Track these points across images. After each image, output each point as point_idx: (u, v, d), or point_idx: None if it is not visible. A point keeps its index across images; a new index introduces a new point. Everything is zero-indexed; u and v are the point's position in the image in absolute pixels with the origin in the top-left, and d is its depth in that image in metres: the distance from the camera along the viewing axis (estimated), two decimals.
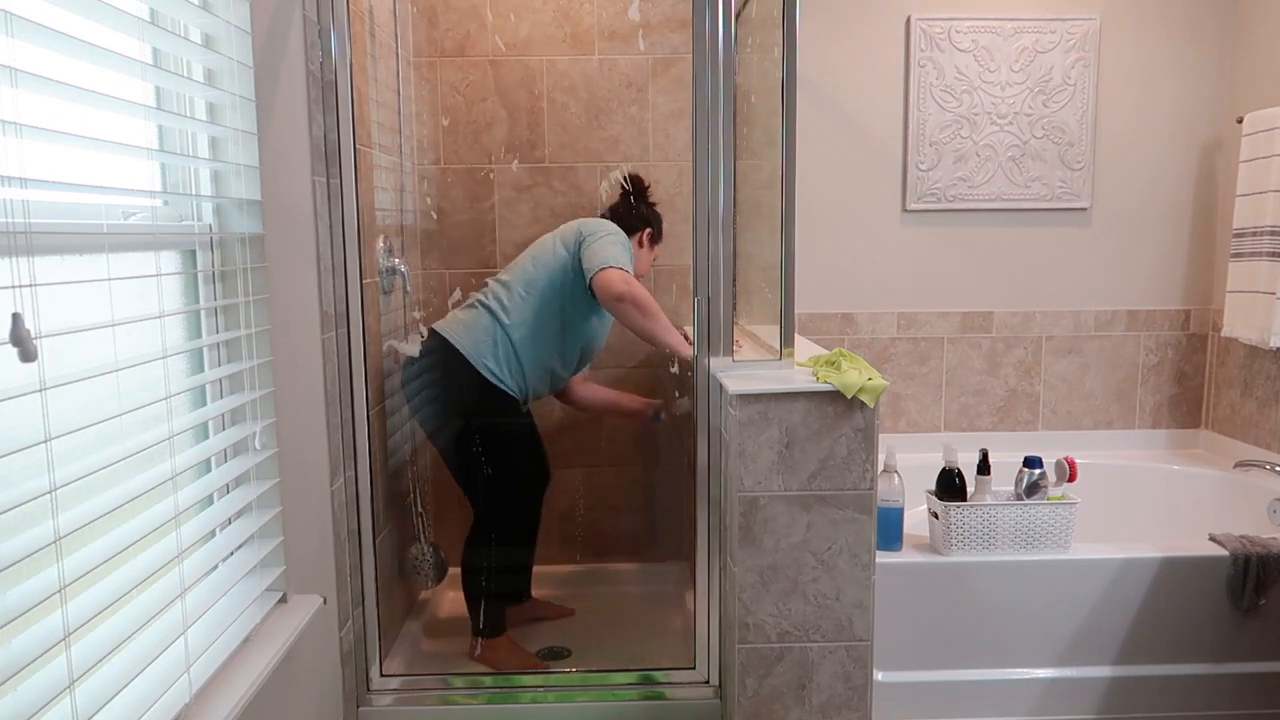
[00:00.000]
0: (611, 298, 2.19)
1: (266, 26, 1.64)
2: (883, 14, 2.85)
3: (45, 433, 1.02)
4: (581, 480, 2.95)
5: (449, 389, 2.37)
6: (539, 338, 2.35)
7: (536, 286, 2.35)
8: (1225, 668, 2.19)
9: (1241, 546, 2.16)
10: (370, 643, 2.12)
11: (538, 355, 2.37)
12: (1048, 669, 2.20)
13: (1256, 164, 2.65)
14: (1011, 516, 2.16)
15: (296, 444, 1.75)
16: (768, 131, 2.08)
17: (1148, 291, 3.00)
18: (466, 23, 2.78)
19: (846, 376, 1.84)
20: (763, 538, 1.88)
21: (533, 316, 2.34)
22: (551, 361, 2.42)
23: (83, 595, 1.12)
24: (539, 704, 2.12)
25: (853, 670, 1.93)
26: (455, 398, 2.37)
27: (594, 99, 2.82)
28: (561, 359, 2.44)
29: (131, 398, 1.23)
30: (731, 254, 1.99)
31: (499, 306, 2.36)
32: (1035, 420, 3.03)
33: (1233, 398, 2.89)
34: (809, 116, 2.88)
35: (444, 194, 2.85)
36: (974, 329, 2.99)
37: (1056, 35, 2.85)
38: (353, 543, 2.06)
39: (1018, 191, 2.92)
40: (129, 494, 1.19)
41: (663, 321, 2.19)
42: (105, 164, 1.26)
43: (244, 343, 1.56)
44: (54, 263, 1.12)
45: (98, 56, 1.14)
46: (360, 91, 2.12)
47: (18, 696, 0.98)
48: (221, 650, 1.39)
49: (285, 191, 1.71)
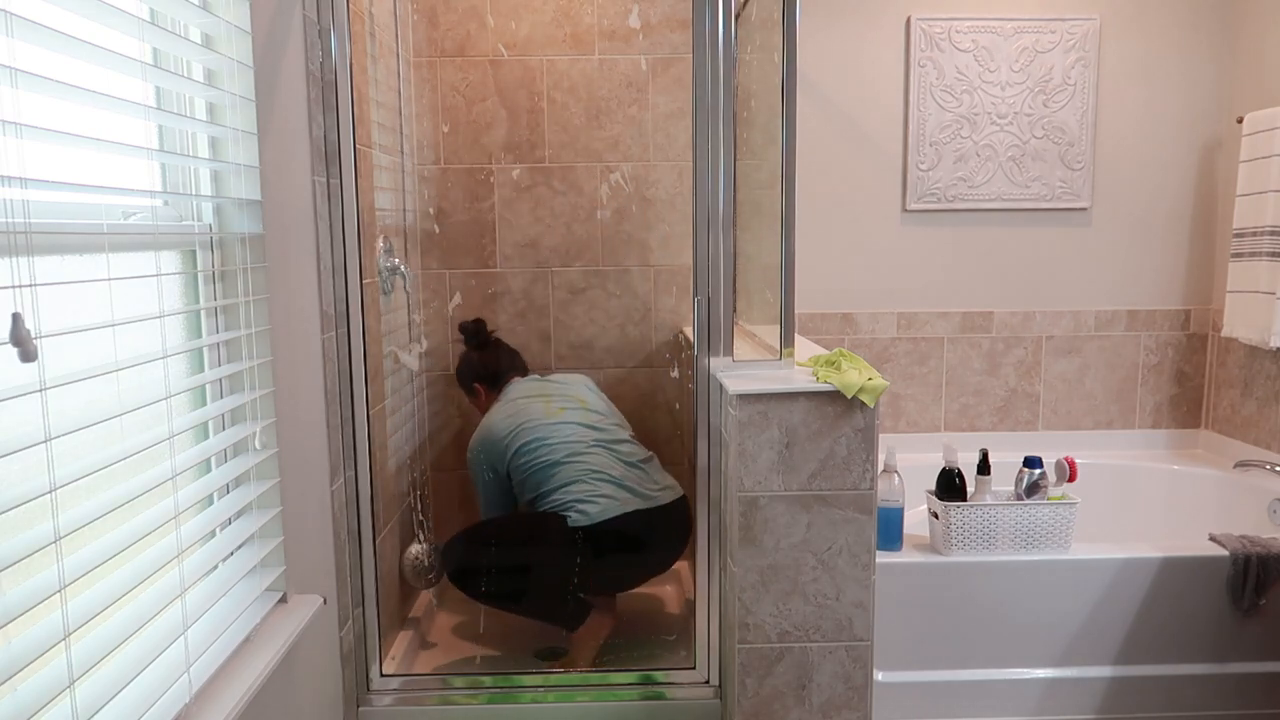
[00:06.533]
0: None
1: (266, 26, 1.64)
2: (883, 14, 2.85)
3: (45, 433, 1.02)
4: None
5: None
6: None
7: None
8: (1225, 668, 2.19)
9: (1241, 546, 2.16)
10: (370, 643, 2.12)
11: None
12: (1048, 669, 2.20)
13: (1256, 164, 2.65)
14: (1011, 516, 2.16)
15: (296, 444, 1.75)
16: (768, 131, 2.08)
17: (1148, 291, 3.00)
18: (466, 23, 2.78)
19: (846, 376, 1.84)
20: (763, 538, 1.88)
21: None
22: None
23: (83, 595, 1.12)
24: (539, 704, 2.12)
25: (853, 670, 1.93)
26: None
27: (594, 99, 2.83)
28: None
29: (131, 398, 1.23)
30: (731, 254, 1.99)
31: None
32: (1035, 420, 3.03)
33: (1233, 398, 2.89)
34: (809, 116, 2.88)
35: (444, 194, 2.85)
36: (974, 329, 2.99)
37: (1056, 35, 2.85)
38: (353, 543, 2.06)
39: (1018, 191, 2.92)
40: (129, 494, 1.19)
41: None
42: (105, 164, 1.26)
43: (244, 343, 1.56)
44: (54, 263, 1.12)
45: (98, 56, 1.14)
46: (360, 91, 2.13)
47: (18, 696, 0.98)
48: (221, 650, 1.39)
49: (285, 191, 1.71)
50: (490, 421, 2.54)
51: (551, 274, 2.90)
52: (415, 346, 2.71)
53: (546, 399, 2.57)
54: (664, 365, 2.93)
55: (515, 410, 2.53)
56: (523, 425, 2.48)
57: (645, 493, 2.45)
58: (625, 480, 2.44)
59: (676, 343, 2.93)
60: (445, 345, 2.91)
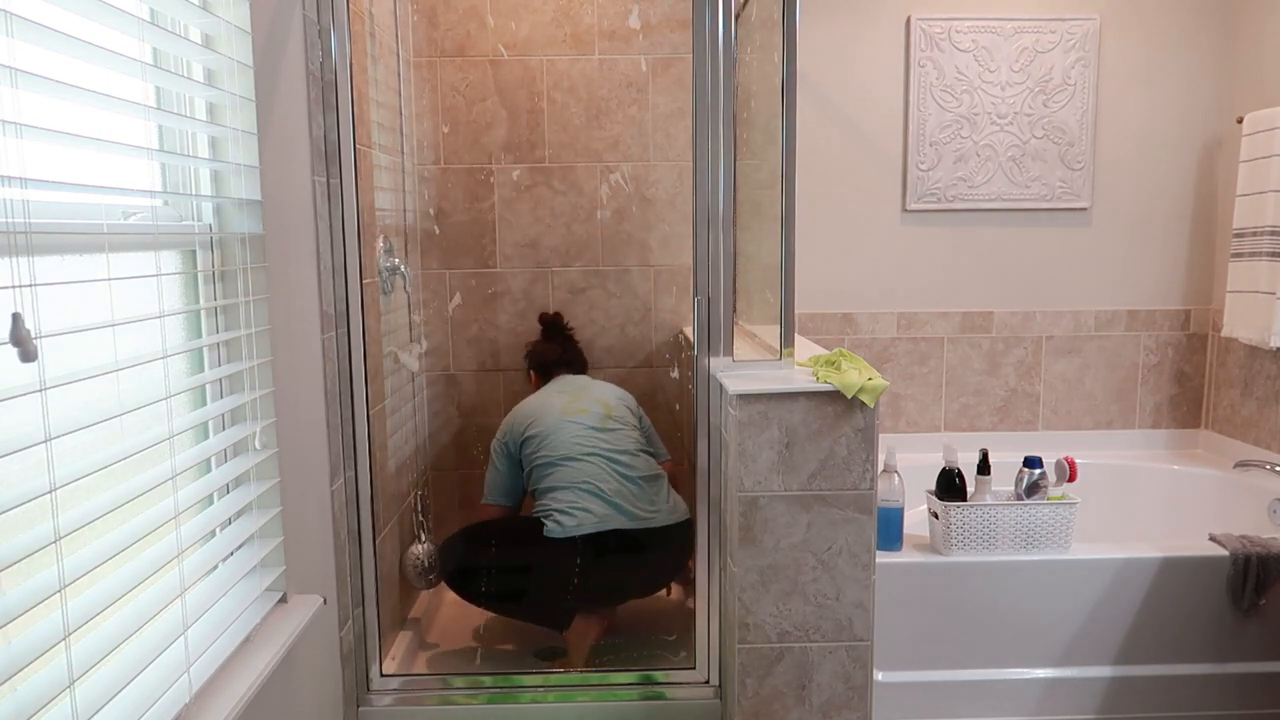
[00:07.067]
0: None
1: (266, 26, 1.64)
2: (883, 14, 2.85)
3: (45, 433, 1.02)
4: None
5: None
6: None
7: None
8: (1225, 668, 2.19)
9: (1241, 546, 2.16)
10: (370, 643, 2.12)
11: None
12: (1048, 669, 2.20)
13: (1256, 164, 2.65)
14: (1011, 516, 2.16)
15: (296, 444, 1.75)
16: (768, 131, 2.08)
17: (1148, 291, 3.00)
18: (466, 23, 2.78)
19: (846, 376, 1.84)
20: (763, 538, 1.88)
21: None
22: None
23: (83, 595, 1.12)
24: (539, 704, 2.12)
25: (853, 670, 1.93)
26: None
27: (594, 99, 2.83)
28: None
29: (131, 398, 1.23)
30: (731, 254, 1.99)
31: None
32: (1035, 420, 3.03)
33: (1233, 398, 2.89)
34: (809, 116, 2.88)
35: (444, 194, 2.85)
36: (974, 329, 2.99)
37: (1056, 35, 2.85)
38: (353, 543, 2.06)
39: (1018, 191, 2.92)
40: (129, 494, 1.19)
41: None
42: (105, 164, 1.26)
43: (244, 343, 1.56)
44: (54, 263, 1.12)
45: (98, 56, 1.14)
46: (360, 91, 2.13)
47: (18, 696, 0.98)
48: (221, 650, 1.39)
49: (285, 191, 1.71)
50: (518, 407, 2.59)
51: (551, 274, 2.90)
52: (415, 346, 2.71)
53: (573, 395, 2.56)
54: (664, 365, 2.93)
55: (541, 401, 2.57)
56: (538, 416, 2.51)
57: (634, 511, 2.41)
58: (614, 496, 2.40)
59: (676, 343, 2.93)
60: (445, 345, 2.91)
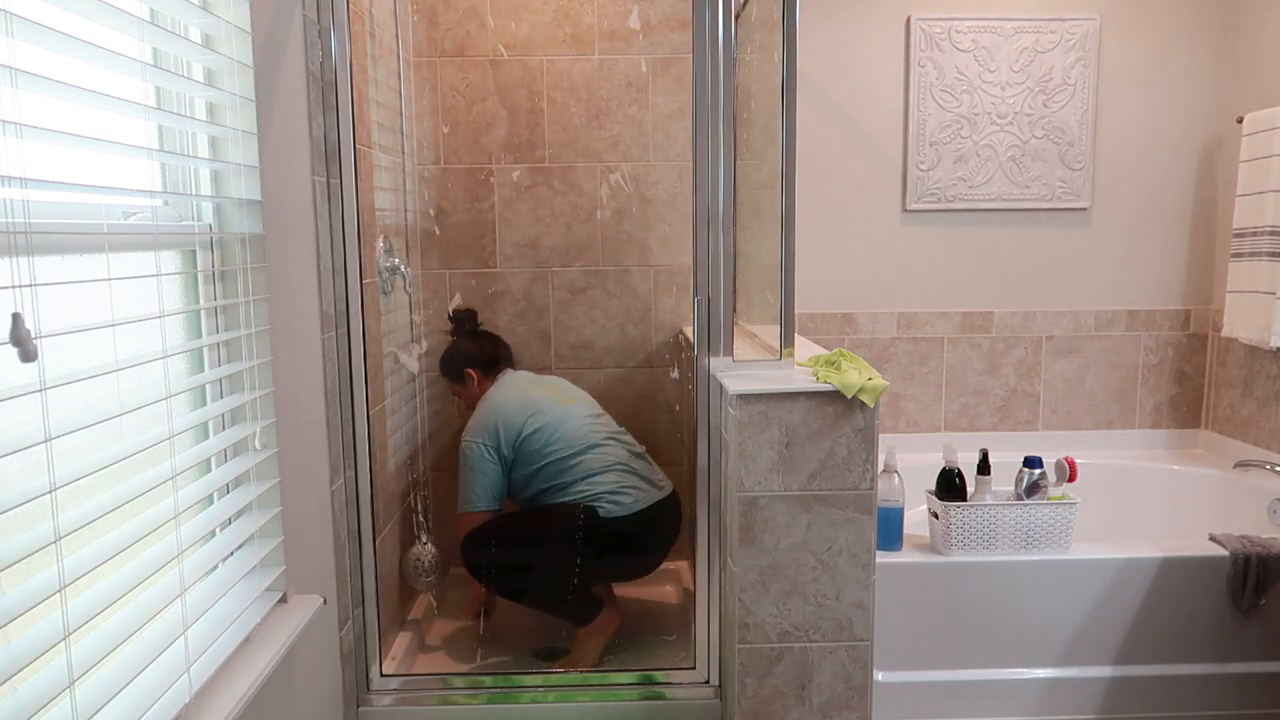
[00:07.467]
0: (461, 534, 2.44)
1: (266, 26, 1.64)
2: (883, 14, 2.85)
3: (45, 433, 1.02)
4: None
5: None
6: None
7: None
8: (1225, 668, 2.19)
9: (1241, 546, 2.16)
10: (370, 643, 2.12)
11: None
12: (1048, 669, 2.20)
13: (1256, 164, 2.65)
14: (1011, 516, 2.16)
15: (296, 444, 1.75)
16: (768, 131, 2.08)
17: (1148, 291, 3.00)
18: (466, 23, 2.78)
19: (846, 376, 1.84)
20: (763, 538, 1.88)
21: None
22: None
23: (83, 595, 1.12)
24: (539, 704, 2.12)
25: (853, 670, 1.93)
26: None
27: (594, 99, 2.82)
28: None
29: (131, 398, 1.23)
30: (731, 254, 1.99)
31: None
32: (1035, 420, 3.03)
33: (1233, 398, 2.89)
34: (809, 116, 2.88)
35: (444, 194, 2.85)
36: (974, 329, 2.99)
37: (1056, 35, 2.85)
38: (353, 543, 2.06)
39: (1018, 191, 2.92)
40: (129, 494, 1.19)
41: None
42: (105, 164, 1.26)
43: (244, 343, 1.56)
44: (54, 263, 1.12)
45: (98, 56, 1.14)
46: (360, 91, 2.13)
47: (18, 696, 0.98)
48: (221, 650, 1.39)
49: (285, 191, 1.71)
50: (496, 405, 2.50)
51: (551, 274, 2.90)
52: (415, 347, 2.71)
53: (547, 387, 2.57)
54: (664, 365, 2.93)
55: (522, 395, 2.51)
56: (535, 411, 2.46)
57: (657, 484, 2.50)
58: (643, 471, 2.48)
59: (676, 343, 2.92)
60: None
